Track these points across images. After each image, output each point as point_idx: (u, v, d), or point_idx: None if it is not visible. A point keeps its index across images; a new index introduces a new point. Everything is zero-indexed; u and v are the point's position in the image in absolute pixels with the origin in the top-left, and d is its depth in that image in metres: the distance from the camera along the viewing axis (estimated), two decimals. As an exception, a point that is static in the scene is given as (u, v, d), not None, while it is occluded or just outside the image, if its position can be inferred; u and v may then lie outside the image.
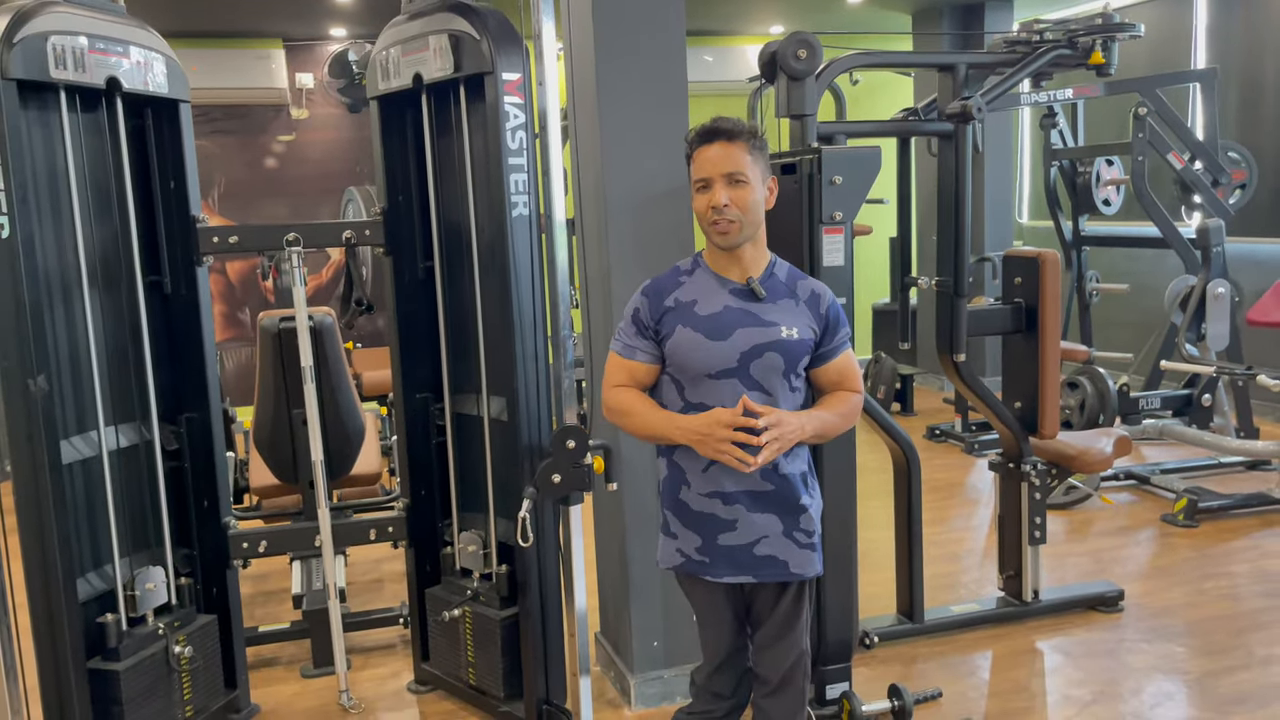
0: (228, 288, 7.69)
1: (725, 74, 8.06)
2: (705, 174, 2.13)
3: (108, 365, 2.87)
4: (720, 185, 2.11)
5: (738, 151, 2.12)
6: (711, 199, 2.11)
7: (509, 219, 2.81)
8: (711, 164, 2.12)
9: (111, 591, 2.83)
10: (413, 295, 3.24)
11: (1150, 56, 6.99)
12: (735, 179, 2.11)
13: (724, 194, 2.10)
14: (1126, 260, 7.14)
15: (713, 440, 2.07)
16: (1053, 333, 3.49)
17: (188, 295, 3.06)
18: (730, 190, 2.11)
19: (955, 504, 5.21)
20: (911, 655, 3.49)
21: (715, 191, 2.11)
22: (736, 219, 2.11)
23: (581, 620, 2.87)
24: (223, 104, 7.39)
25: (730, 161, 2.11)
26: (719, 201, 2.10)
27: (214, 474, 3.13)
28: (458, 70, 2.82)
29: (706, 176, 2.13)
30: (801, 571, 2.21)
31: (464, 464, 3.22)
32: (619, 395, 2.23)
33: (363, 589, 4.35)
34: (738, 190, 2.11)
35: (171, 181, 3.01)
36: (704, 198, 2.13)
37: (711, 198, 2.11)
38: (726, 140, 2.13)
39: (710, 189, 2.12)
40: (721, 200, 2.10)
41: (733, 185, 2.11)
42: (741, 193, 2.12)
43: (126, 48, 2.77)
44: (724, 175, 2.11)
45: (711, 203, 2.11)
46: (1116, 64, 3.64)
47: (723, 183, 2.11)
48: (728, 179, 2.11)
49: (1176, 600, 3.86)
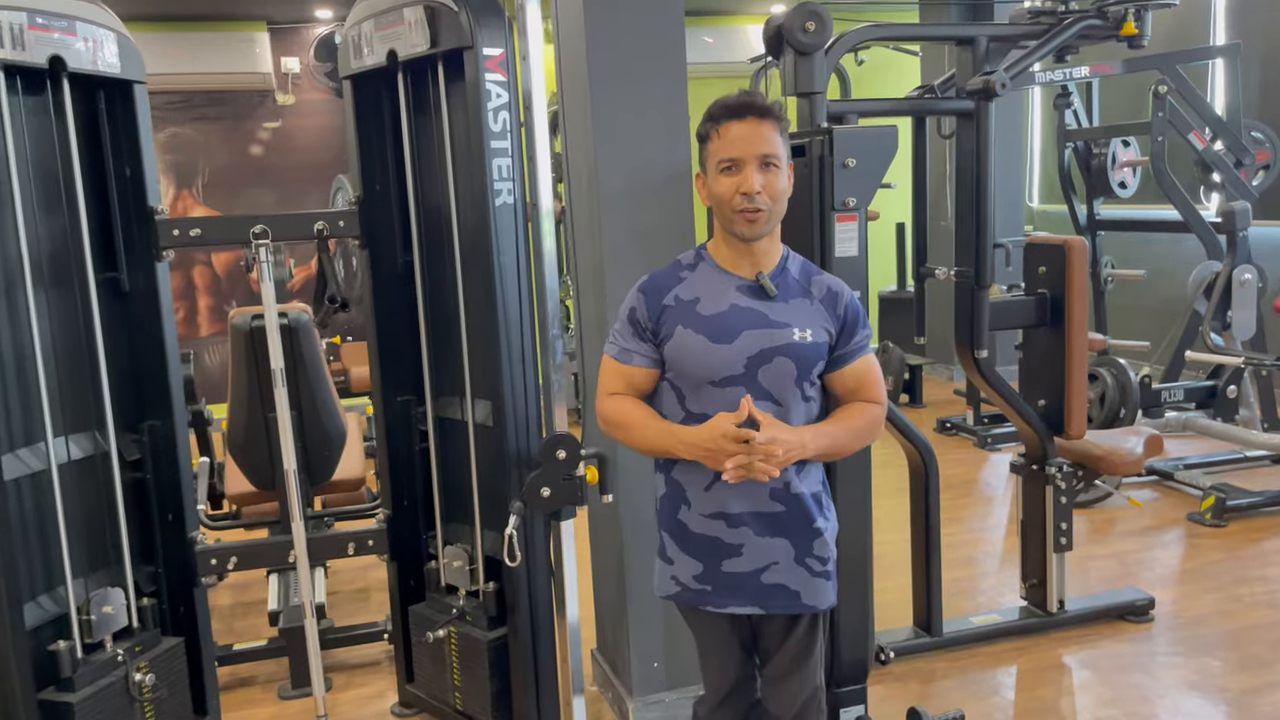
0: (214, 280, 7.45)
1: (727, 55, 7.82)
2: (736, 153, 1.86)
3: (58, 370, 2.64)
4: (753, 168, 1.85)
5: (770, 131, 1.86)
6: (742, 183, 1.85)
7: (492, 208, 2.57)
8: (745, 143, 1.85)
9: (65, 616, 2.61)
10: (392, 290, 3.00)
11: (1168, 32, 6.72)
12: (768, 162, 1.86)
13: (757, 178, 1.85)
14: (1142, 245, 6.89)
15: (721, 456, 1.82)
16: (1080, 326, 3.25)
17: (147, 292, 2.82)
18: (763, 175, 1.85)
19: (970, 503, 4.98)
20: (930, 671, 3.26)
21: (747, 175, 1.85)
22: (766, 208, 1.87)
23: (575, 645, 2.64)
24: (205, 90, 7.13)
25: (764, 142, 1.86)
26: (752, 187, 1.84)
27: (179, 485, 2.91)
28: (434, 46, 2.57)
29: (737, 156, 1.86)
30: (814, 603, 1.98)
31: (448, 472, 2.99)
32: (614, 405, 1.99)
33: (348, 599, 4.13)
34: (770, 175, 1.86)
35: (127, 169, 2.77)
36: (730, 180, 1.86)
37: (742, 181, 1.85)
38: (759, 117, 1.86)
39: (740, 171, 1.86)
40: (755, 185, 1.84)
41: (765, 169, 1.86)
42: (774, 178, 1.87)
43: (72, 24, 2.53)
44: (758, 157, 1.85)
45: (742, 187, 1.85)
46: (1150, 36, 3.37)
47: (755, 165, 1.85)
48: (761, 161, 1.85)
49: (1210, 608, 3.63)
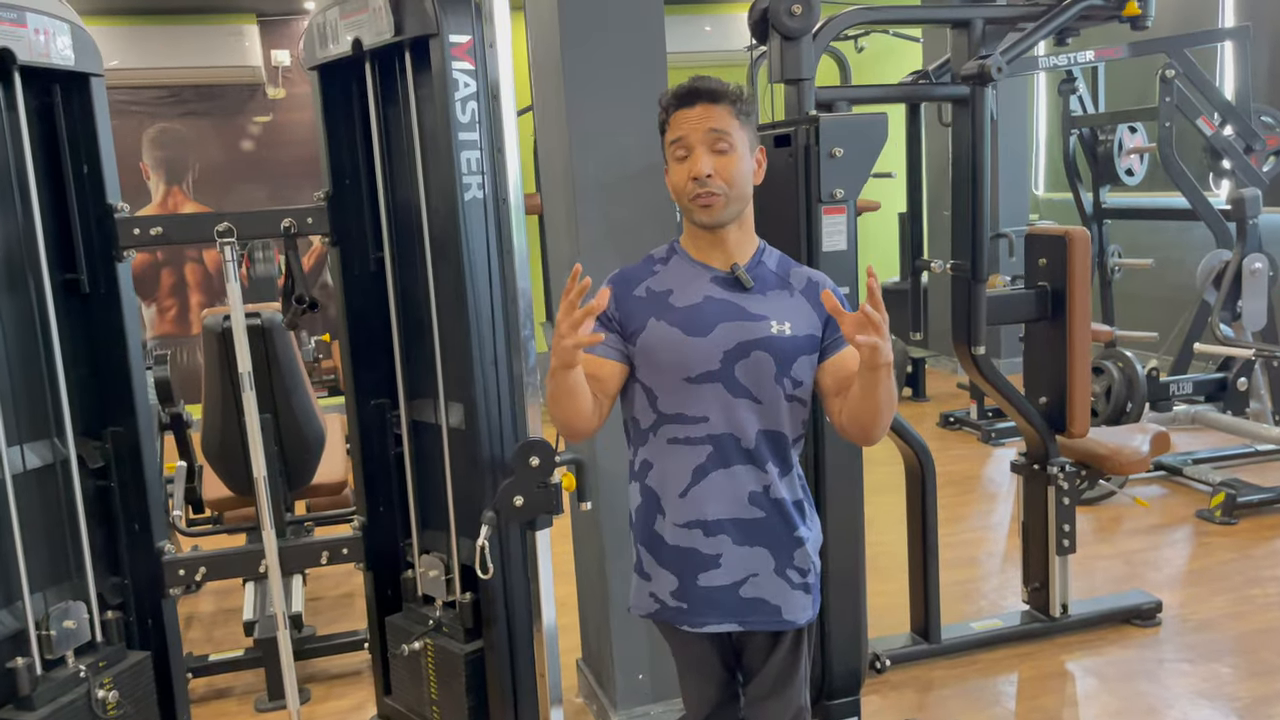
0: (205, 277, 7.35)
1: (723, 43, 7.67)
2: (682, 133, 1.78)
3: (11, 376, 2.53)
4: (702, 150, 1.76)
5: (722, 114, 1.78)
6: (692, 167, 1.77)
7: (461, 203, 2.45)
8: (692, 126, 1.77)
9: (24, 631, 2.51)
10: (363, 290, 2.88)
11: (1176, 15, 6.56)
12: (719, 145, 1.77)
13: (707, 162, 1.76)
14: (1150, 233, 6.73)
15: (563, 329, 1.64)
16: (1082, 320, 3.12)
17: (108, 294, 2.70)
18: (714, 158, 1.77)
19: (972, 500, 4.86)
20: (928, 680, 3.14)
21: (696, 158, 1.76)
22: (721, 192, 1.77)
23: (553, 659, 2.53)
24: (194, 84, 7.02)
25: (714, 124, 1.77)
26: (701, 170, 1.76)
27: (145, 493, 2.80)
28: (399, 33, 2.45)
29: (683, 135, 1.78)
30: (794, 619, 1.87)
31: (423, 478, 2.88)
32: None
33: (331, 605, 4.03)
34: (723, 159, 1.77)
35: (85, 166, 2.66)
36: (682, 167, 1.79)
37: (692, 166, 1.77)
38: (709, 102, 1.78)
39: (690, 156, 1.77)
40: (704, 169, 1.75)
41: (716, 152, 1.77)
42: (727, 161, 1.77)
43: (21, 14, 2.41)
44: (705, 137, 1.77)
45: (692, 172, 1.76)
46: (1154, 16, 3.23)
47: (704, 147, 1.77)
48: (709, 144, 1.77)
49: (1219, 610, 3.51)
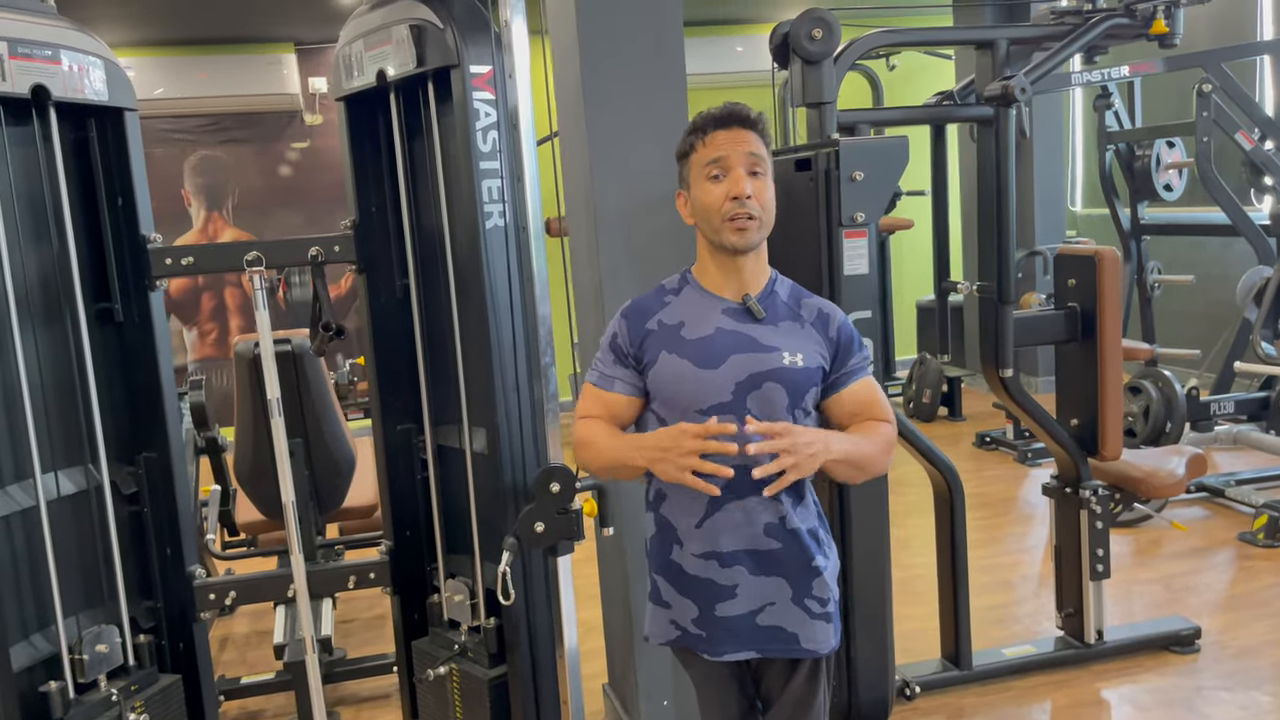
0: (245, 301, 7.46)
1: (754, 64, 7.68)
2: (723, 152, 1.76)
3: (46, 403, 2.59)
4: (742, 171, 1.76)
5: (756, 140, 1.78)
6: (733, 187, 1.75)
7: (483, 231, 2.48)
8: (731, 145, 1.77)
9: (57, 655, 2.56)
10: (390, 316, 2.92)
11: (1212, 28, 6.47)
12: (756, 168, 1.77)
13: (748, 183, 1.75)
14: (1191, 249, 6.63)
15: (675, 455, 1.69)
16: (1113, 341, 3.08)
17: (141, 322, 2.77)
18: (752, 181, 1.76)
19: (1008, 522, 4.79)
20: (959, 708, 3.10)
21: (737, 178, 1.75)
22: (757, 214, 1.76)
23: (575, 684, 2.53)
24: (234, 112, 7.16)
25: (750, 146, 1.77)
26: (744, 190, 1.74)
27: (176, 518, 2.85)
28: (421, 64, 2.49)
29: (724, 155, 1.76)
30: (814, 647, 1.85)
31: (449, 502, 2.90)
32: (583, 426, 1.89)
33: (363, 627, 4.06)
34: (759, 182, 1.77)
35: (119, 198, 2.73)
36: (719, 187, 1.76)
37: (732, 185, 1.75)
38: (743, 127, 1.78)
39: (729, 176, 1.76)
40: (745, 189, 1.74)
41: (754, 176, 1.77)
42: (762, 185, 1.77)
43: (56, 52, 2.49)
44: (745, 159, 1.76)
45: (733, 191, 1.75)
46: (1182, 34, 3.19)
47: (743, 169, 1.76)
48: (748, 166, 1.76)
49: (1260, 637, 3.42)
